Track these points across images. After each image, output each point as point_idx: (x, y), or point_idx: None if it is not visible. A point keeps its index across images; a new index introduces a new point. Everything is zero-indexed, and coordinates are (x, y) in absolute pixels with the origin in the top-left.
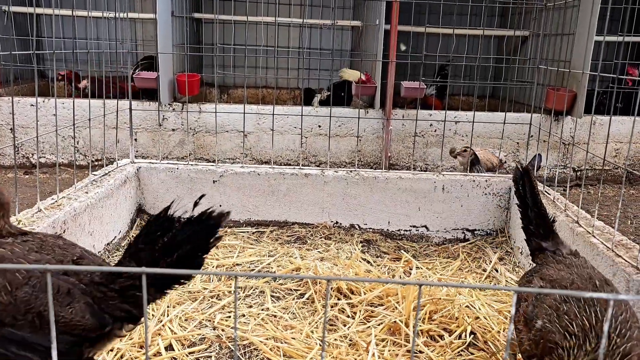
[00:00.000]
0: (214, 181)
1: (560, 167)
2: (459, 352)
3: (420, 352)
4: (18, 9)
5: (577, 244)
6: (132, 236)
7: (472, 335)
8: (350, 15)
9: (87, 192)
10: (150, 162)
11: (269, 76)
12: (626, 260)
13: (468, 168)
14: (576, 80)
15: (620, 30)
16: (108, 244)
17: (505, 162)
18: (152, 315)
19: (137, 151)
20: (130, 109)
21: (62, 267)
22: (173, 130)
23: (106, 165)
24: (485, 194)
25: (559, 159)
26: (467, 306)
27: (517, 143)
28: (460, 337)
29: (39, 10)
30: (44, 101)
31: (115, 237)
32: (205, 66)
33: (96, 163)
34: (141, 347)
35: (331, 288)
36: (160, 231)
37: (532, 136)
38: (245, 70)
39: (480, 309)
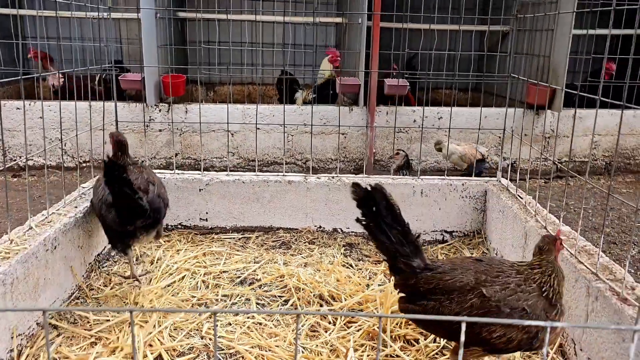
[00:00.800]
0: (200, 189)
1: (542, 160)
2: (433, 355)
3: (397, 356)
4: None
5: None
6: None
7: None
8: (334, 11)
9: (76, 207)
10: None
11: (255, 75)
12: (587, 267)
13: (399, 170)
14: (555, 75)
15: (598, 25)
16: (98, 255)
17: (487, 156)
18: (142, 325)
19: None
20: (117, 118)
21: None
22: (160, 131)
23: (93, 171)
24: (462, 197)
25: (540, 152)
26: None
27: (499, 137)
28: (435, 340)
29: (22, 12)
30: (30, 104)
31: (105, 247)
32: (191, 64)
33: (84, 165)
34: (132, 358)
35: (313, 295)
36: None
37: (513, 130)
38: (230, 70)
39: None
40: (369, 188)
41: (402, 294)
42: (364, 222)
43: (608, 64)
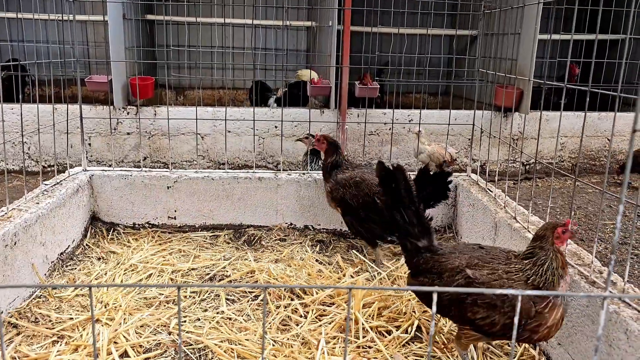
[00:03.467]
0: (168, 187)
1: (510, 162)
2: (403, 344)
3: (369, 347)
4: None
5: (514, 239)
6: (87, 244)
7: (418, 329)
8: (304, 15)
9: (38, 203)
10: (103, 170)
11: (225, 77)
12: None
13: (309, 156)
14: (521, 78)
15: (563, 30)
16: (61, 253)
17: (456, 158)
18: (107, 323)
19: (91, 156)
20: (81, 117)
21: None
22: (128, 134)
23: (58, 172)
24: None
25: (508, 154)
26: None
27: (469, 140)
28: (407, 331)
29: None
30: None
31: (69, 246)
32: (160, 68)
33: (48, 169)
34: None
35: (284, 289)
36: None
37: (482, 132)
38: (201, 71)
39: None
40: (391, 168)
41: (410, 270)
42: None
43: (572, 65)
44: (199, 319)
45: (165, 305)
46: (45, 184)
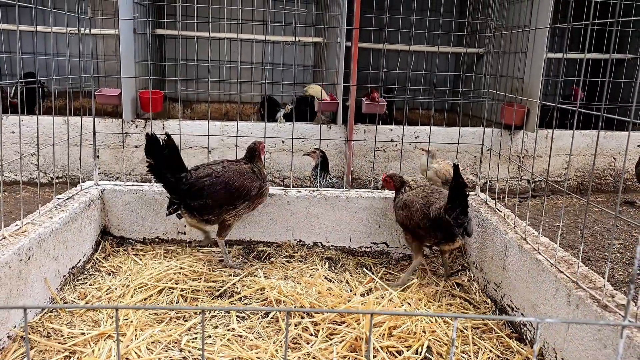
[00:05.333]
0: None
1: (516, 179)
2: None
3: None
4: None
5: (525, 260)
6: (97, 258)
7: (428, 350)
8: (312, 31)
9: (51, 217)
10: (114, 184)
11: (232, 92)
12: (567, 276)
13: (318, 171)
14: (529, 97)
15: (569, 49)
16: (73, 267)
17: (463, 175)
18: (119, 340)
19: (99, 168)
20: (94, 131)
21: None
22: (136, 146)
23: (69, 185)
24: None
25: (509, 172)
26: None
27: (475, 156)
28: (417, 352)
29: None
30: (3, 118)
31: (80, 260)
32: (169, 82)
33: (58, 181)
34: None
35: (294, 306)
36: None
37: (488, 149)
38: (209, 86)
39: (437, 320)
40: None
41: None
42: None
43: (575, 89)
44: (209, 336)
45: (175, 322)
46: (58, 198)
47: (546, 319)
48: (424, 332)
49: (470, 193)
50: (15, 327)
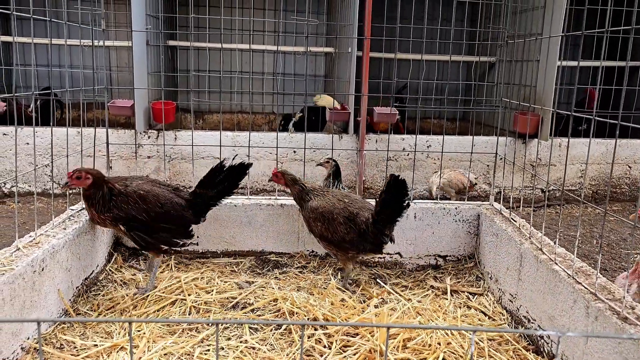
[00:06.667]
0: None
1: (530, 188)
2: None
3: None
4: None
5: (541, 271)
6: (109, 269)
7: None
8: (323, 41)
9: (64, 228)
10: None
11: (244, 102)
12: (585, 287)
13: (330, 180)
14: (541, 105)
15: (579, 57)
16: (86, 278)
17: (476, 184)
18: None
19: None
20: (107, 142)
21: None
22: (149, 157)
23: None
24: (456, 220)
25: (524, 181)
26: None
27: (487, 165)
28: None
29: (20, 39)
30: (18, 130)
31: (93, 271)
32: (180, 93)
33: (72, 191)
34: None
35: (307, 318)
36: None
37: (501, 158)
38: (221, 96)
39: (452, 332)
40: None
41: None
42: None
43: (591, 90)
44: (222, 348)
45: (188, 333)
46: (72, 209)
47: (567, 333)
48: (439, 344)
49: (484, 202)
50: (28, 338)
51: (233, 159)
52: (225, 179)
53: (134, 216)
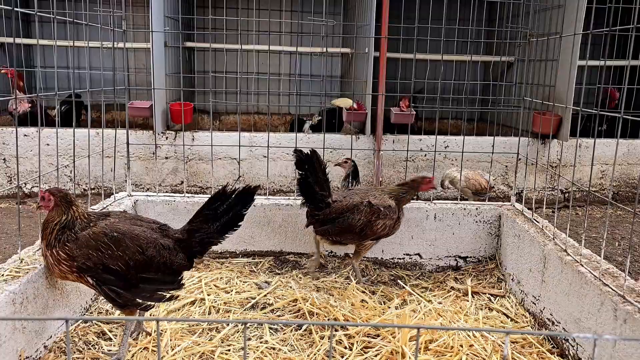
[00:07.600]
0: None
1: (549, 189)
2: None
3: None
4: (17, 40)
5: (566, 272)
6: None
7: None
8: (339, 42)
9: None
10: (147, 195)
11: (261, 103)
12: (613, 289)
13: (349, 180)
14: (560, 105)
15: (602, 56)
16: None
17: (494, 185)
18: (154, 350)
19: (130, 179)
20: (128, 143)
21: None
22: (166, 158)
23: (103, 196)
24: (476, 221)
25: (546, 182)
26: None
27: (506, 166)
28: None
29: (32, 41)
30: (38, 131)
31: None
32: (198, 94)
33: (91, 192)
34: None
35: (327, 319)
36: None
37: (520, 159)
38: (239, 97)
39: (475, 334)
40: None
41: (317, 224)
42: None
43: (612, 90)
44: (242, 348)
45: (208, 333)
46: (93, 209)
47: (604, 336)
48: (461, 346)
49: (505, 203)
50: (50, 337)
51: (236, 180)
52: (229, 209)
53: (107, 266)
